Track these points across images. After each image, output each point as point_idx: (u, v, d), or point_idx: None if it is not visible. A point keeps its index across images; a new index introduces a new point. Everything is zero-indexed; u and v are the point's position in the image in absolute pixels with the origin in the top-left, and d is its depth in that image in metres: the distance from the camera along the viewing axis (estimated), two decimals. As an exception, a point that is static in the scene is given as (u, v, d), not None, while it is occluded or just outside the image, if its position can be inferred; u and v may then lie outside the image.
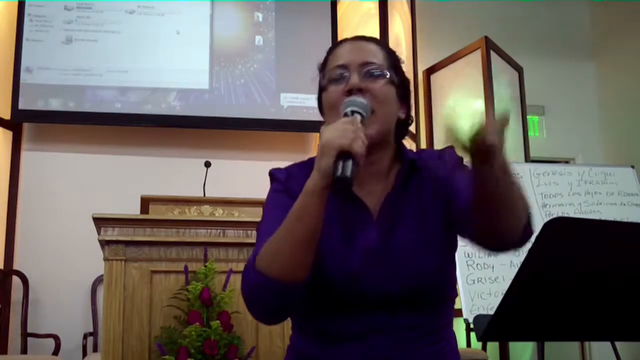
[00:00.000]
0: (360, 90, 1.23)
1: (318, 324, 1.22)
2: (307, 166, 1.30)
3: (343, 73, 1.26)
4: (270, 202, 1.28)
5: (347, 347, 1.20)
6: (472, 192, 1.14)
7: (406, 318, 1.20)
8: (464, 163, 1.26)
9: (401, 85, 1.31)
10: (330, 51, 1.35)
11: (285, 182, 1.28)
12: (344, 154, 1.06)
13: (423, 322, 1.22)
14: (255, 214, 3.07)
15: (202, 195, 3.29)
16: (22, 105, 4.61)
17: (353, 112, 1.17)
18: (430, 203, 1.28)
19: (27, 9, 4.71)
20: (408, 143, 4.93)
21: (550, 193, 4.37)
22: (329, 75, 1.28)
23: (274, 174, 1.32)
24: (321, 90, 1.33)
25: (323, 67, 1.34)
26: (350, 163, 1.06)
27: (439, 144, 5.32)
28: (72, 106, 4.67)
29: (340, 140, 1.07)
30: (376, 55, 1.29)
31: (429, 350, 1.24)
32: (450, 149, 1.32)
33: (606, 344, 3.61)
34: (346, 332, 1.20)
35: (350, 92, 1.23)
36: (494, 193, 1.09)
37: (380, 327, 1.19)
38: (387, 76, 1.27)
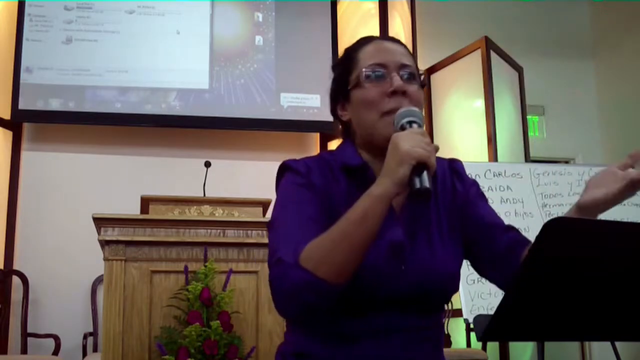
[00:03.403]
0: (403, 93, 1.23)
1: (331, 324, 1.20)
2: (321, 161, 1.29)
3: (383, 72, 1.25)
4: (293, 195, 1.23)
5: (358, 347, 1.19)
6: None
7: (415, 319, 1.22)
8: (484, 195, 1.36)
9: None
10: (355, 48, 1.32)
11: (307, 176, 1.25)
12: (421, 166, 1.08)
13: (428, 325, 1.24)
14: (255, 214, 3.07)
15: (202, 195, 3.29)
16: (22, 105, 4.61)
17: (410, 123, 1.17)
18: (447, 210, 1.31)
19: (27, 9, 4.72)
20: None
21: (550, 193, 4.36)
22: (367, 72, 1.26)
23: (292, 166, 1.27)
24: (339, 85, 1.31)
25: (345, 63, 1.31)
26: (427, 175, 1.08)
27: (438, 144, 5.31)
28: (72, 106, 4.67)
29: (421, 152, 1.08)
30: (409, 59, 1.30)
31: (435, 354, 1.26)
32: (460, 163, 1.37)
33: (606, 344, 3.61)
34: (359, 331, 1.19)
35: (394, 94, 1.23)
36: None
37: (392, 327, 1.20)
38: (419, 80, 1.28)
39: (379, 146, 1.22)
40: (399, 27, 5.20)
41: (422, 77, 1.31)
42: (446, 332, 4.39)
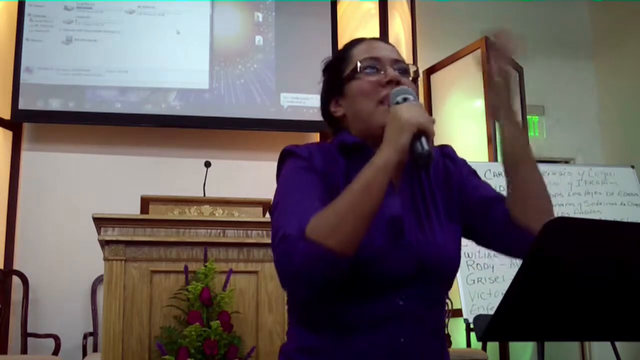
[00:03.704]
0: (397, 83, 1.27)
1: (330, 313, 1.21)
2: (322, 148, 1.31)
3: (377, 65, 1.30)
4: (296, 178, 1.24)
5: (360, 338, 1.19)
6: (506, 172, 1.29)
7: (416, 305, 1.22)
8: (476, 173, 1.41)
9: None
10: (348, 48, 1.37)
11: (309, 160, 1.27)
12: (421, 133, 1.11)
13: (430, 315, 1.25)
14: (255, 214, 3.07)
15: (202, 195, 3.29)
16: (22, 105, 4.61)
17: (405, 99, 1.20)
18: (441, 191, 1.34)
19: (27, 9, 4.71)
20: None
21: (550, 193, 4.36)
22: (362, 64, 1.30)
23: (294, 151, 1.29)
24: (333, 81, 1.35)
25: (338, 61, 1.36)
26: (428, 141, 1.12)
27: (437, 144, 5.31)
28: (72, 106, 4.67)
29: (420, 120, 1.12)
30: (400, 57, 1.35)
31: (436, 344, 1.27)
32: (450, 147, 1.42)
33: (606, 344, 3.61)
34: (360, 321, 1.20)
35: (389, 83, 1.27)
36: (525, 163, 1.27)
37: (393, 316, 1.20)
38: (412, 74, 1.33)
39: (375, 135, 1.23)
40: (399, 27, 5.20)
41: (416, 71, 1.35)
42: (446, 332, 4.39)
